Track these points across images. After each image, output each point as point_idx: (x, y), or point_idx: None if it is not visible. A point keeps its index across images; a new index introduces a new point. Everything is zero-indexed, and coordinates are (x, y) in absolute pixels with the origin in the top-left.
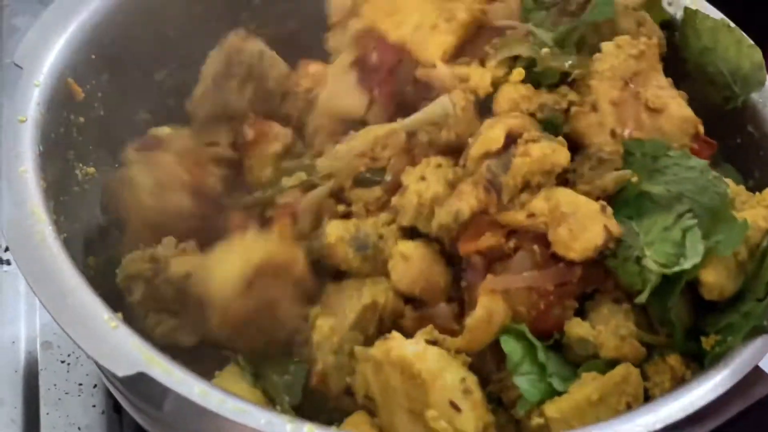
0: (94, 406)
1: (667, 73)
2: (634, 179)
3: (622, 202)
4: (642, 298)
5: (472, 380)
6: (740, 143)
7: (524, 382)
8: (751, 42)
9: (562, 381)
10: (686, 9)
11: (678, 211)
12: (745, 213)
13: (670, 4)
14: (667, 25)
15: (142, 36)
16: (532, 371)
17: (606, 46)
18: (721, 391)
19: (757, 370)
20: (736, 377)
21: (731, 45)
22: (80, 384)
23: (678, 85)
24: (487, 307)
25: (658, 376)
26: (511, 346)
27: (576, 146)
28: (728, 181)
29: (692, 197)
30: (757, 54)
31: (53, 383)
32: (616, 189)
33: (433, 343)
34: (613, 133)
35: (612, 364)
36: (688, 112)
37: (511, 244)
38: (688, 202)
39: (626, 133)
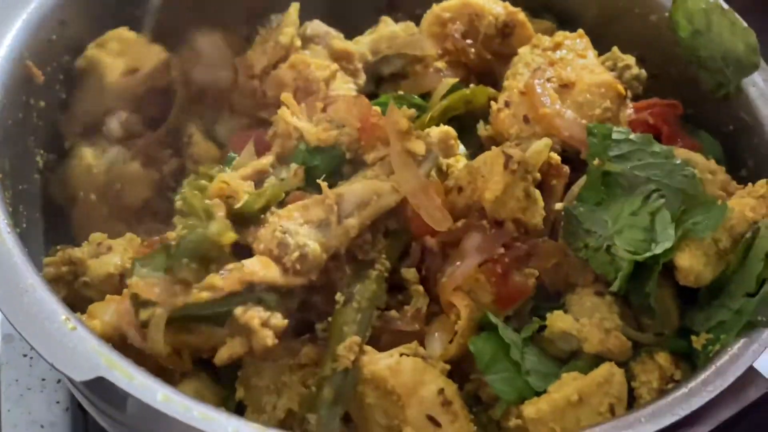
0: (57, 402)
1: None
2: (596, 162)
3: (588, 187)
4: (615, 287)
5: (450, 390)
6: (733, 131)
7: (498, 382)
8: (745, 24)
9: (541, 379)
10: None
11: (644, 192)
12: (732, 201)
13: None
14: None
15: (106, 14)
16: (506, 369)
17: (522, 49)
18: (713, 393)
19: (751, 370)
20: (730, 379)
21: (725, 27)
22: (43, 379)
23: (668, 68)
24: (465, 306)
25: (646, 375)
26: (478, 347)
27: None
28: (699, 157)
29: (659, 180)
30: (752, 36)
31: (15, 378)
32: (540, 162)
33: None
34: (525, 119)
35: (595, 363)
36: (603, 77)
37: (460, 224)
38: (656, 186)
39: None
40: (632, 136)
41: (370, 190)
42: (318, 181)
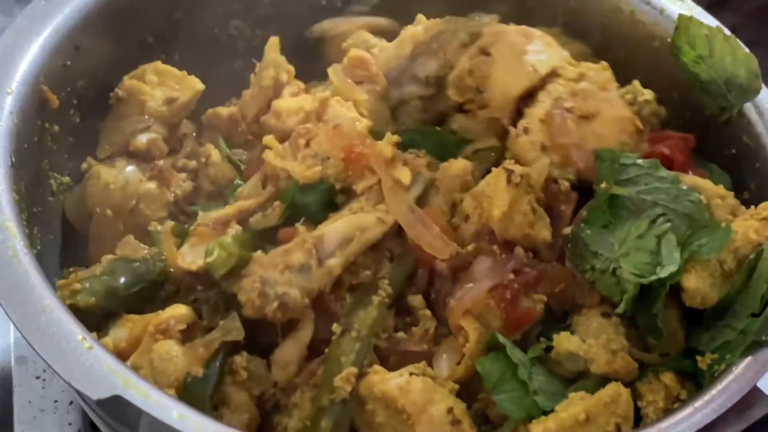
0: (70, 424)
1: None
2: (603, 185)
3: (595, 210)
4: (621, 309)
5: (459, 409)
6: (735, 154)
7: (505, 401)
8: (747, 50)
9: (549, 398)
10: (680, 16)
11: (650, 216)
12: (736, 224)
13: (661, 12)
14: None
15: (120, 41)
16: (514, 389)
17: None
18: (718, 412)
19: (755, 390)
20: (734, 398)
21: (727, 53)
22: (56, 401)
23: (671, 93)
24: (474, 329)
25: (652, 395)
26: (486, 367)
27: None
28: (707, 183)
29: (666, 205)
30: (753, 62)
31: (28, 400)
32: (542, 178)
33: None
34: (543, 147)
35: (602, 383)
36: (624, 112)
37: (470, 248)
38: (662, 210)
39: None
40: (640, 161)
41: (353, 226)
42: (297, 225)
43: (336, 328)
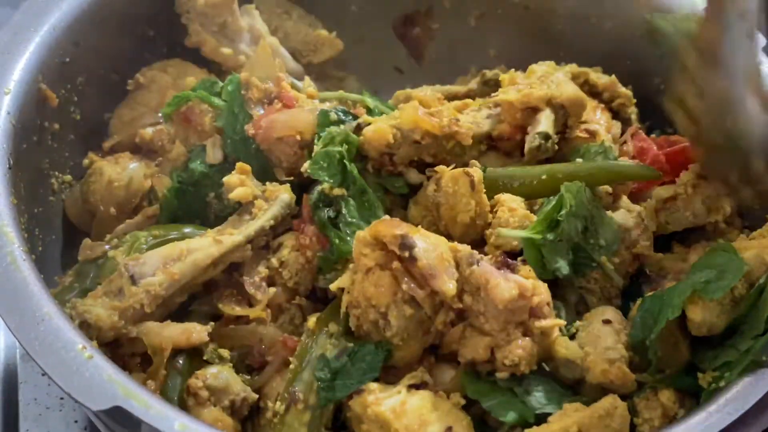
0: (76, 421)
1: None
2: None
3: None
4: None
5: (460, 426)
6: None
7: (495, 407)
8: (683, 14)
9: (544, 398)
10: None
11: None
12: (751, 244)
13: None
14: None
15: (120, 35)
16: (499, 396)
17: None
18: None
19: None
20: (732, 416)
21: (670, 26)
22: (61, 398)
23: None
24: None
25: (648, 412)
26: (470, 386)
27: None
28: None
29: None
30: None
31: (33, 397)
32: None
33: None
34: None
35: (600, 395)
36: None
37: None
38: None
39: None
40: None
41: (179, 249)
42: (119, 259)
43: (279, 407)
